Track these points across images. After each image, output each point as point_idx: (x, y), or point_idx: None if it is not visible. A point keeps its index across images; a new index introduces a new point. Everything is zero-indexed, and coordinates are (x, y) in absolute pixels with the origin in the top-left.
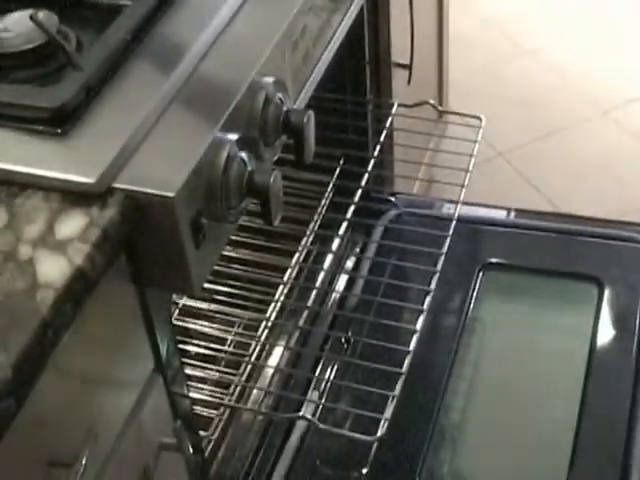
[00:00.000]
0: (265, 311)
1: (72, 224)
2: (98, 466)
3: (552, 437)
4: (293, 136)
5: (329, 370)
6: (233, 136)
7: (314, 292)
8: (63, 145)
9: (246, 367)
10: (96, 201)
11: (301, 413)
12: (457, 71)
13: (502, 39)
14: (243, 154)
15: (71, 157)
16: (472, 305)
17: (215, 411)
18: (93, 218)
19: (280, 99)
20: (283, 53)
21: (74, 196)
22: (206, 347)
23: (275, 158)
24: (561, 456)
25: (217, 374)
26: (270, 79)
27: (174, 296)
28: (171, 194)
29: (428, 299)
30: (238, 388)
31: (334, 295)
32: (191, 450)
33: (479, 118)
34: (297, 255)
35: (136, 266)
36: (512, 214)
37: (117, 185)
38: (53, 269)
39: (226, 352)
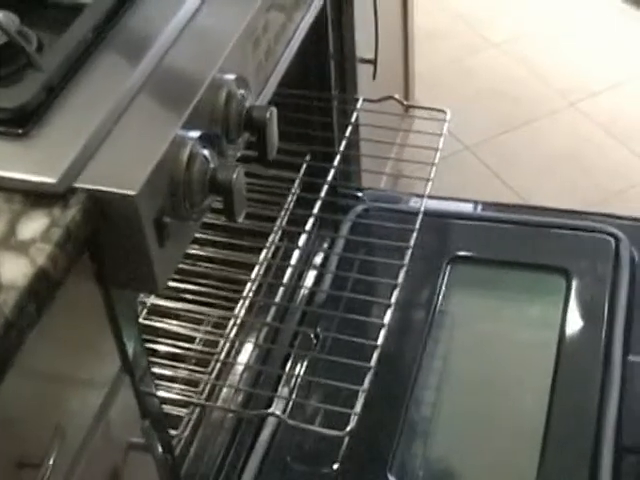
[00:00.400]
0: (233, 309)
1: (34, 224)
2: (66, 466)
3: (522, 428)
4: (256, 132)
5: (299, 366)
6: (195, 133)
7: (282, 289)
8: (24, 145)
9: (215, 365)
10: (58, 201)
11: (271, 410)
12: (424, 65)
13: (469, 32)
14: (205, 151)
15: (32, 157)
16: (441, 298)
17: (185, 410)
18: (55, 218)
19: (242, 95)
20: (245, 50)
21: (36, 196)
22: (175, 346)
23: (238, 155)
24: (532, 446)
25: (186, 372)
26: (232, 76)
27: (142, 295)
28: (133, 192)
29: (395, 293)
30: (208, 386)
31: (303, 291)
32: (161, 449)
33: (444, 111)
34: (265, 252)
35: (100, 265)
36: (479, 207)
37: (79, 185)
38: (15, 270)
39: (195, 350)
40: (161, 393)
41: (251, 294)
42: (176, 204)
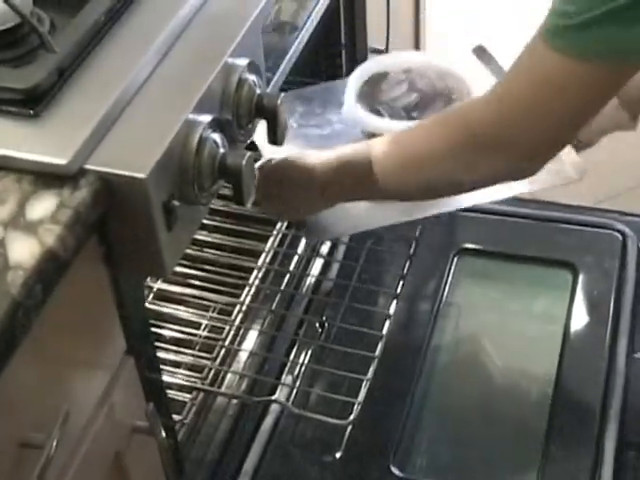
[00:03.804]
0: (239, 295)
1: (43, 205)
2: (69, 449)
3: (526, 421)
4: (266, 119)
5: (303, 354)
6: (206, 118)
7: (289, 276)
8: (35, 126)
9: (220, 351)
10: (68, 182)
11: (275, 397)
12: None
13: (484, 25)
14: (216, 136)
15: (43, 138)
16: (447, 290)
17: (189, 395)
18: (64, 199)
19: (254, 82)
20: (257, 35)
21: (46, 177)
22: (180, 331)
23: (249, 141)
24: (535, 440)
25: (191, 358)
26: (244, 61)
27: (148, 280)
28: (143, 175)
29: (402, 283)
30: (212, 372)
31: (309, 279)
32: (164, 434)
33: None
34: (272, 239)
35: (108, 248)
36: None
37: (89, 166)
38: (24, 250)
39: (200, 336)
40: (165, 378)
41: (257, 281)
42: (185, 188)
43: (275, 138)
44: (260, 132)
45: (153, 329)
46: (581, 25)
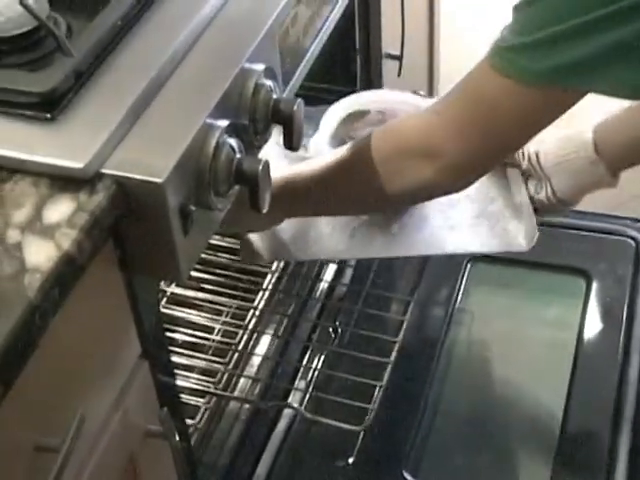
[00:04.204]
0: (253, 300)
1: (60, 209)
2: (84, 452)
3: (539, 427)
4: (283, 124)
5: (317, 359)
6: (223, 123)
7: (302, 281)
8: (52, 130)
9: (233, 355)
10: (84, 186)
11: (288, 402)
12: (449, 62)
13: (493, 30)
14: (232, 141)
15: (60, 142)
16: (460, 297)
17: (202, 399)
18: (81, 203)
19: (270, 87)
20: (274, 41)
21: (62, 181)
22: (193, 335)
23: (265, 145)
24: (548, 445)
25: (204, 362)
26: (261, 66)
27: (162, 284)
28: (159, 180)
29: (415, 290)
30: (225, 376)
31: (322, 284)
32: (177, 438)
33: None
34: None
35: (124, 252)
36: None
37: (105, 171)
38: (41, 254)
39: (214, 341)
40: (179, 382)
41: (271, 286)
42: (201, 193)
43: (291, 144)
44: None
45: (167, 333)
46: (521, 47)
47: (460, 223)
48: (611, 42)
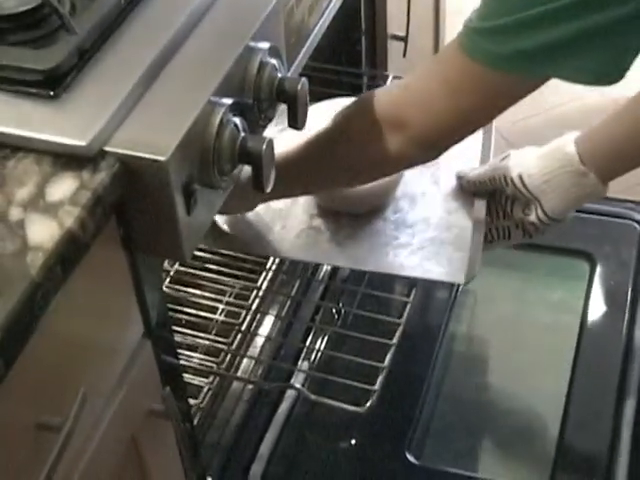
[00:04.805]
0: (256, 280)
1: (63, 187)
2: (86, 431)
3: (541, 410)
4: (287, 103)
5: (320, 341)
6: (227, 101)
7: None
8: (55, 108)
9: (236, 336)
10: (87, 164)
11: (291, 383)
12: None
13: None
14: (236, 119)
15: (63, 120)
16: None
17: (205, 379)
18: (84, 181)
19: (274, 66)
20: (279, 19)
21: (65, 159)
22: (197, 315)
23: (269, 125)
24: (550, 429)
25: (207, 342)
26: (265, 44)
27: (166, 264)
28: (163, 158)
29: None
30: (228, 357)
31: (325, 266)
32: (180, 417)
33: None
34: None
35: (127, 231)
36: None
37: (109, 149)
38: (43, 232)
39: (217, 320)
40: (182, 362)
41: (274, 266)
42: (205, 171)
43: (296, 123)
44: None
45: (170, 313)
46: (488, 30)
47: (408, 244)
48: (576, 30)
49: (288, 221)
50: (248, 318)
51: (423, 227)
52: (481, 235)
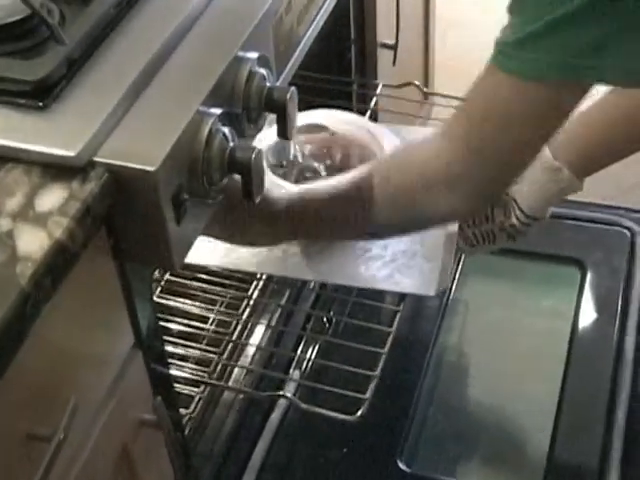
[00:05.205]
0: (247, 290)
1: (52, 197)
2: (77, 441)
3: (533, 417)
4: (276, 113)
5: (311, 349)
6: (215, 111)
7: None
8: (44, 118)
9: (227, 345)
10: (77, 175)
11: (282, 392)
12: (444, 52)
13: (490, 21)
14: (225, 129)
15: (52, 130)
16: (455, 286)
17: (196, 389)
18: (73, 192)
19: (263, 75)
20: (268, 28)
21: (55, 169)
22: (188, 325)
23: (258, 135)
24: (542, 435)
25: (198, 352)
26: (254, 54)
27: (156, 273)
28: (152, 168)
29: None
30: (219, 366)
31: None
32: (171, 427)
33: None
34: None
35: (116, 241)
36: None
37: (98, 159)
38: (32, 242)
39: (208, 330)
40: (173, 372)
41: (265, 275)
42: (194, 181)
43: (285, 133)
44: None
45: (160, 322)
46: (524, 39)
47: (380, 257)
48: (617, 25)
49: None
50: (239, 327)
51: (396, 239)
52: (453, 246)
